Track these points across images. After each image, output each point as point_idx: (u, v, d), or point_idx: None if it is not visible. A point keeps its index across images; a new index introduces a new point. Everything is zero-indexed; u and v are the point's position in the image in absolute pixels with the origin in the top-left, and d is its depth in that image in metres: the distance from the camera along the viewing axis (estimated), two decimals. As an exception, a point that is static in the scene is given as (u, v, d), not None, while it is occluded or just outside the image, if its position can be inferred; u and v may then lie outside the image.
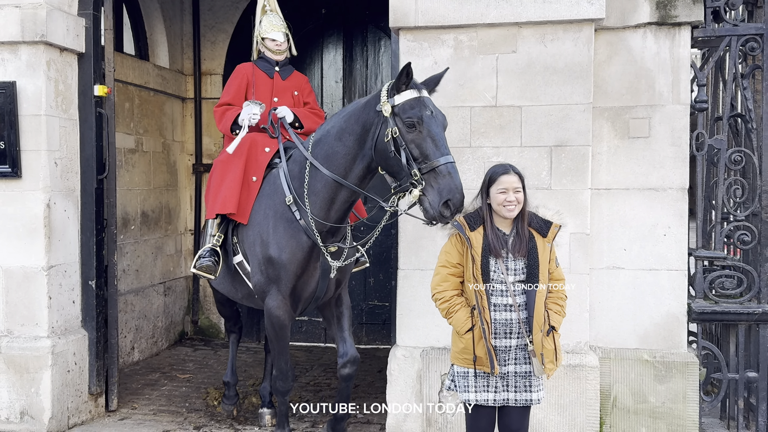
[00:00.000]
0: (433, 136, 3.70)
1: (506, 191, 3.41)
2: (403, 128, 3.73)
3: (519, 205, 3.43)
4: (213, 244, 4.61)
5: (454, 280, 3.48)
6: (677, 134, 4.67)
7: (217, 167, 4.75)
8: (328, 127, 4.30)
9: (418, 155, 3.69)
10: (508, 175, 3.44)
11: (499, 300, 3.39)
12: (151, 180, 7.42)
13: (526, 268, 3.40)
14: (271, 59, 5.11)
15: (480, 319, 3.36)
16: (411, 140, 3.72)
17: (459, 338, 3.45)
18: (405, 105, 3.77)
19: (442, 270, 3.50)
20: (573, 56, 4.58)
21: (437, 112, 3.83)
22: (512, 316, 3.38)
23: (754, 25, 4.65)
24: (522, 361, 3.42)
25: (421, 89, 3.84)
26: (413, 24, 4.67)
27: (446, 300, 3.47)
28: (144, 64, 7.26)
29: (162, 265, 7.64)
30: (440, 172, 3.62)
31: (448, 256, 3.49)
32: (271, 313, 4.37)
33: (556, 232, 3.48)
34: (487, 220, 3.45)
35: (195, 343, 7.93)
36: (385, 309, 7.36)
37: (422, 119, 3.71)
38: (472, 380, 3.44)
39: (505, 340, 3.39)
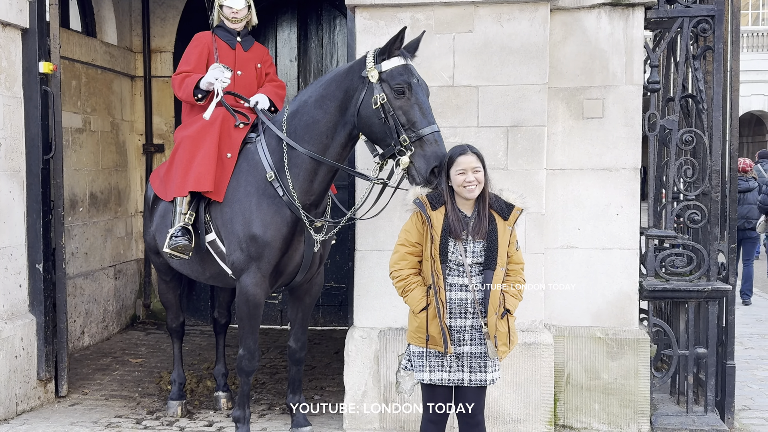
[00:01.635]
0: (420, 104, 3.72)
1: (465, 172, 3.39)
2: (391, 95, 3.74)
3: (480, 185, 3.41)
4: (185, 223, 4.43)
5: (413, 258, 3.46)
6: (630, 115, 4.73)
7: (185, 142, 4.55)
8: (305, 98, 4.23)
9: (405, 122, 3.71)
10: (465, 155, 3.42)
11: (455, 280, 3.39)
12: (100, 160, 7.23)
13: (484, 250, 3.40)
14: (231, 29, 4.90)
15: (435, 299, 3.36)
16: (399, 107, 3.73)
17: (414, 317, 3.45)
18: (393, 71, 3.77)
19: (401, 248, 3.49)
20: (529, 36, 4.59)
21: (422, 80, 3.85)
22: (468, 297, 3.39)
23: (705, 7, 4.72)
24: (477, 342, 3.42)
25: (407, 57, 3.83)
26: (369, 2, 4.61)
27: (403, 278, 3.46)
28: (91, 41, 7.04)
29: (112, 247, 7.47)
30: (427, 140, 3.64)
31: (407, 235, 3.48)
32: (248, 291, 4.29)
33: (518, 216, 3.47)
34: (448, 201, 3.43)
35: (147, 327, 7.79)
36: (341, 290, 7.33)
37: (411, 86, 3.73)
38: (427, 360, 3.44)
39: (460, 320, 3.40)
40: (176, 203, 4.52)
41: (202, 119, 4.56)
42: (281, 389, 5.63)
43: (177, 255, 4.46)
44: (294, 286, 4.60)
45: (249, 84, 4.87)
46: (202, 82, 4.65)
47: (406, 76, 3.76)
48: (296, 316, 4.70)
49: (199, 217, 4.50)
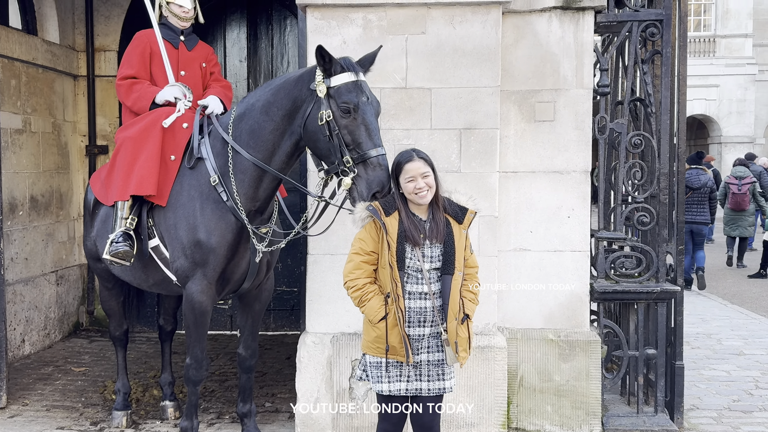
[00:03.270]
0: (367, 124, 3.57)
1: (414, 179, 3.32)
2: (338, 112, 3.59)
3: (431, 189, 3.35)
4: (126, 228, 4.26)
5: (368, 267, 3.38)
6: (581, 118, 4.76)
7: (127, 143, 4.36)
8: (252, 101, 4.09)
9: (350, 142, 3.57)
10: (413, 161, 3.36)
11: (414, 288, 3.33)
12: (41, 162, 6.98)
13: (442, 255, 3.34)
14: (176, 27, 4.75)
15: (395, 307, 3.28)
16: (344, 126, 3.58)
17: (372, 327, 3.36)
18: (341, 88, 3.61)
19: (356, 257, 3.40)
20: (481, 39, 4.58)
21: (373, 97, 3.69)
22: (427, 305, 3.33)
23: (654, 11, 4.78)
24: (435, 350, 3.37)
25: (358, 72, 3.67)
26: (321, 2, 4.54)
27: (359, 288, 3.36)
28: (32, 39, 6.79)
29: (54, 252, 7.22)
30: (371, 163, 3.51)
31: (362, 244, 3.39)
32: (193, 299, 4.15)
33: (472, 219, 3.43)
34: (401, 207, 3.36)
35: (91, 334, 7.56)
36: (293, 294, 7.23)
37: (358, 106, 3.57)
38: (385, 370, 3.36)
39: (419, 329, 3.34)
40: (117, 207, 4.34)
41: (145, 120, 4.40)
42: (231, 397, 5.50)
43: (118, 261, 4.28)
44: (243, 293, 4.48)
45: (194, 84, 4.73)
46: (158, 97, 4.51)
47: (355, 94, 3.59)
48: (246, 323, 4.58)
49: (141, 222, 4.34)
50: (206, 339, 4.35)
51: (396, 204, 3.37)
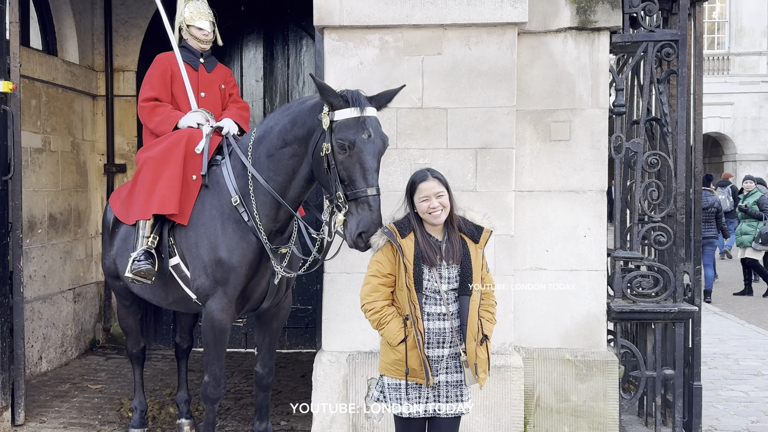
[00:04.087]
0: (362, 163, 3.53)
1: (428, 198, 3.30)
2: (336, 147, 3.58)
3: (445, 209, 3.33)
4: (148, 246, 4.30)
5: (385, 290, 3.35)
6: (596, 137, 4.77)
7: (149, 163, 4.41)
8: (271, 124, 4.12)
9: (345, 178, 3.57)
10: (427, 181, 3.34)
11: (432, 309, 3.30)
12: (60, 181, 7.06)
13: (459, 275, 3.32)
14: (195, 49, 4.83)
15: (414, 330, 3.25)
16: (341, 162, 3.57)
17: (391, 349, 3.33)
18: (342, 124, 3.58)
19: (373, 280, 3.36)
20: (497, 59, 4.61)
21: (376, 134, 3.61)
22: (445, 325, 3.30)
23: (669, 32, 4.80)
24: (453, 370, 3.35)
25: (364, 107, 3.61)
26: (338, 23, 4.59)
27: (377, 311, 3.33)
28: (52, 60, 6.90)
29: (71, 270, 7.28)
30: (361, 203, 3.51)
31: (378, 266, 3.36)
32: (213, 317, 4.17)
33: (488, 237, 3.40)
34: (416, 228, 3.34)
35: (107, 351, 7.59)
36: (308, 312, 7.24)
37: (354, 144, 3.53)
38: (404, 392, 3.33)
39: (438, 350, 3.31)
40: (139, 226, 4.38)
41: (167, 141, 4.46)
42: (247, 415, 5.51)
43: (139, 280, 4.32)
44: (261, 312, 4.50)
45: (213, 105, 4.80)
46: (181, 123, 4.57)
47: (354, 131, 3.54)
48: (263, 341, 4.59)
49: (162, 241, 4.38)
50: (224, 357, 4.37)
51: (411, 225, 3.35)
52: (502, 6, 4.51)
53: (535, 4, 4.64)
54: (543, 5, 4.67)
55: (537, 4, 4.65)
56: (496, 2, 4.51)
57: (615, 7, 4.64)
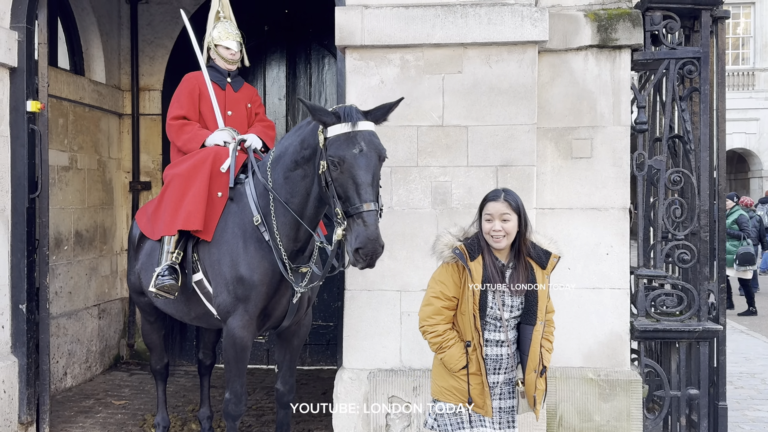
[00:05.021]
0: (355, 178, 3.52)
1: (492, 219, 3.15)
2: (330, 165, 3.59)
3: (508, 235, 3.16)
4: (172, 262, 4.34)
5: (448, 313, 3.21)
6: (618, 155, 4.76)
7: (176, 180, 4.47)
8: (286, 144, 4.16)
9: (342, 195, 3.57)
10: (495, 201, 3.18)
11: (491, 335, 3.20)
12: (86, 198, 7.17)
13: (523, 304, 3.19)
14: (223, 69, 4.91)
15: (476, 357, 3.16)
16: (335, 179, 3.58)
17: (450, 375, 3.22)
18: (333, 140, 3.60)
19: (436, 301, 3.21)
20: (517, 77, 4.63)
21: (370, 148, 3.58)
22: (503, 352, 3.20)
23: (691, 49, 4.79)
24: (507, 396, 3.27)
25: (356, 122, 3.60)
26: (359, 43, 4.64)
27: (439, 334, 3.19)
28: (79, 79, 7.03)
29: (96, 286, 7.37)
30: (356, 219, 3.50)
31: (442, 288, 3.20)
32: (234, 334, 4.19)
33: (555, 263, 3.25)
34: (484, 249, 3.18)
35: (131, 367, 7.65)
36: (329, 329, 7.26)
37: (344, 160, 3.54)
38: (462, 419, 3.21)
39: (494, 376, 3.23)
40: (164, 242, 4.44)
41: (194, 159, 4.53)
42: (268, 432, 5.52)
43: (163, 294, 4.36)
44: (281, 330, 4.52)
45: (239, 124, 4.86)
46: (208, 141, 4.64)
47: (344, 147, 3.55)
48: (284, 359, 4.60)
49: (186, 257, 4.42)
50: (245, 374, 4.39)
51: (480, 246, 3.19)
52: (522, 25, 4.53)
53: (555, 23, 4.66)
54: (563, 23, 4.69)
55: (557, 23, 4.67)
56: (517, 21, 4.53)
57: (636, 25, 4.64)
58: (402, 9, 4.61)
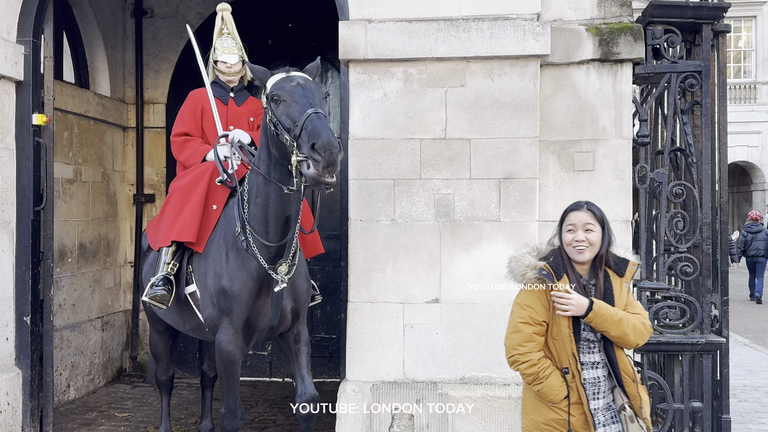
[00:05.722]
0: (296, 98, 3.64)
1: (574, 229, 3.02)
2: (275, 107, 3.71)
3: (592, 246, 3.01)
4: (167, 272, 4.39)
5: (539, 339, 3.01)
6: (620, 168, 4.78)
7: (176, 192, 4.56)
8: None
9: (290, 124, 3.61)
10: (578, 211, 3.07)
11: (586, 358, 3.02)
12: (90, 211, 7.20)
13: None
14: (225, 84, 4.96)
15: (575, 384, 2.98)
16: (281, 113, 3.67)
17: (547, 407, 3.02)
18: (274, 87, 3.77)
19: (525, 327, 3.01)
20: (520, 91, 4.66)
21: (306, 81, 3.77)
22: (599, 374, 3.03)
23: (692, 63, 4.82)
24: (610, 422, 3.05)
25: (289, 70, 3.85)
26: (363, 57, 4.68)
27: (533, 364, 2.98)
28: (84, 93, 7.08)
29: (100, 298, 7.38)
30: (305, 125, 3.50)
31: (531, 312, 3.01)
32: (222, 348, 4.19)
33: (635, 271, 3.12)
34: (568, 266, 3.03)
35: (134, 379, 7.65)
36: (332, 341, 7.26)
37: (285, 89, 3.70)
38: None
39: (594, 402, 3.03)
40: (161, 253, 4.50)
41: (194, 172, 4.59)
42: (271, 445, 5.51)
43: (155, 304, 4.40)
44: (278, 340, 4.49)
45: None
46: (209, 156, 4.68)
47: (282, 84, 3.73)
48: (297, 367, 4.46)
49: (181, 268, 4.47)
50: (238, 388, 4.37)
51: (563, 263, 3.04)
52: (524, 39, 4.56)
53: (557, 37, 4.69)
54: (565, 37, 4.72)
55: (559, 37, 4.70)
56: (519, 35, 4.57)
57: (638, 39, 4.67)
58: (405, 23, 4.65)
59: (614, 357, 2.99)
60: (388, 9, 4.70)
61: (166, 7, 7.78)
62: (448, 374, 4.67)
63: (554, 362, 3.03)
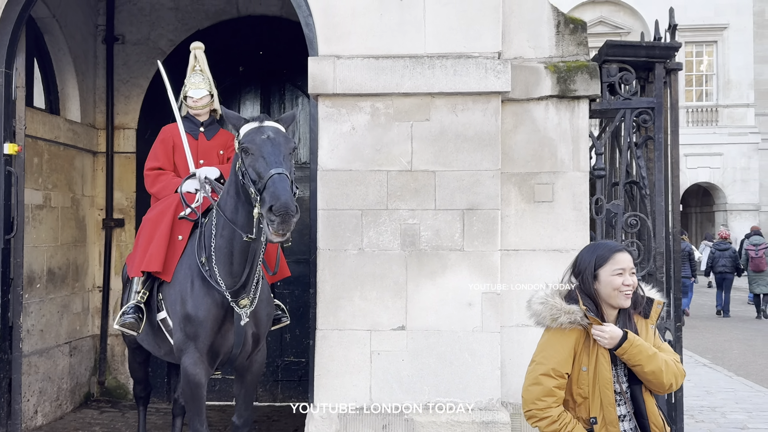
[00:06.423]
0: (264, 155, 3.84)
1: (623, 272, 2.82)
2: (244, 157, 3.91)
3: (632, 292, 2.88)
4: (137, 301, 4.64)
5: (560, 393, 2.80)
6: (578, 199, 4.98)
7: (146, 224, 4.80)
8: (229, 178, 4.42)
9: (256, 177, 3.83)
10: (623, 253, 2.87)
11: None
12: (59, 236, 7.21)
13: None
14: (195, 118, 5.16)
15: None
16: (249, 165, 3.88)
17: None
18: (245, 137, 3.97)
19: (546, 381, 2.79)
20: (482, 125, 4.84)
21: (277, 135, 3.95)
22: (626, 427, 2.84)
23: (646, 99, 5.06)
24: None
25: (263, 120, 4.03)
26: (331, 91, 4.83)
27: (554, 420, 2.77)
28: (55, 119, 7.12)
29: (68, 324, 7.38)
30: (268, 185, 3.72)
31: (555, 363, 2.80)
32: (187, 371, 4.37)
33: (660, 311, 2.94)
34: (602, 310, 2.86)
35: (101, 405, 7.64)
36: (301, 365, 7.33)
37: (255, 142, 3.89)
38: None
39: None
40: (133, 282, 4.75)
41: (163, 204, 4.82)
42: (240, 470, 5.56)
43: (126, 331, 4.67)
44: (237, 366, 4.69)
45: None
46: (179, 189, 4.84)
47: (253, 136, 3.92)
48: (240, 393, 4.80)
49: (152, 296, 4.70)
50: (204, 411, 4.53)
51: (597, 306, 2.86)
52: (486, 76, 4.76)
53: (517, 74, 4.89)
54: (525, 75, 4.93)
55: (519, 74, 4.90)
56: (481, 73, 4.76)
57: (594, 77, 4.90)
58: (372, 60, 4.82)
59: (643, 407, 2.82)
60: (356, 46, 4.86)
61: (138, 34, 7.86)
62: (414, 400, 4.80)
63: (574, 410, 2.86)
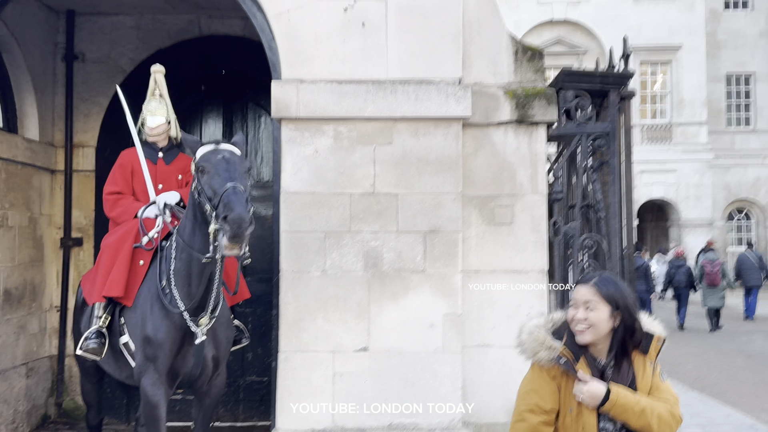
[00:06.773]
0: (219, 171, 3.93)
1: (575, 305, 2.69)
2: (200, 176, 4.00)
3: (593, 328, 2.66)
4: (99, 326, 4.65)
5: (547, 430, 2.69)
6: (537, 221, 5.10)
7: (106, 250, 4.79)
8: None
9: (211, 193, 3.91)
10: (581, 285, 2.74)
11: None
12: (16, 256, 7.10)
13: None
14: (155, 144, 5.19)
15: None
16: (204, 183, 3.96)
17: None
18: (201, 158, 4.07)
19: (530, 417, 2.70)
20: (444, 149, 4.94)
21: (232, 156, 4.05)
22: None
23: (601, 125, 5.21)
24: None
25: (219, 143, 4.15)
26: (295, 115, 4.88)
27: None
28: (13, 138, 7.03)
29: (25, 344, 7.25)
30: (223, 198, 3.79)
31: (538, 399, 2.71)
32: (146, 392, 4.39)
33: (660, 347, 2.75)
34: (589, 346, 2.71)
35: (59, 426, 7.51)
36: (263, 384, 7.31)
37: (210, 161, 3.99)
38: None
39: None
40: (94, 307, 4.76)
41: (123, 230, 4.84)
42: (201, 492, 5.53)
43: (88, 356, 4.67)
44: (196, 388, 4.71)
45: None
46: (139, 214, 4.88)
47: (209, 155, 4.03)
48: (198, 416, 4.82)
49: (114, 320, 4.70)
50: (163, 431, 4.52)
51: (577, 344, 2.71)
52: (447, 102, 4.86)
53: (477, 99, 5.01)
54: (485, 100, 5.04)
55: (479, 100, 5.02)
56: (442, 98, 4.87)
57: (551, 103, 5.04)
58: (335, 84, 4.89)
59: None
60: (320, 70, 4.93)
61: (98, 52, 7.80)
62: (377, 421, 4.84)
63: None
